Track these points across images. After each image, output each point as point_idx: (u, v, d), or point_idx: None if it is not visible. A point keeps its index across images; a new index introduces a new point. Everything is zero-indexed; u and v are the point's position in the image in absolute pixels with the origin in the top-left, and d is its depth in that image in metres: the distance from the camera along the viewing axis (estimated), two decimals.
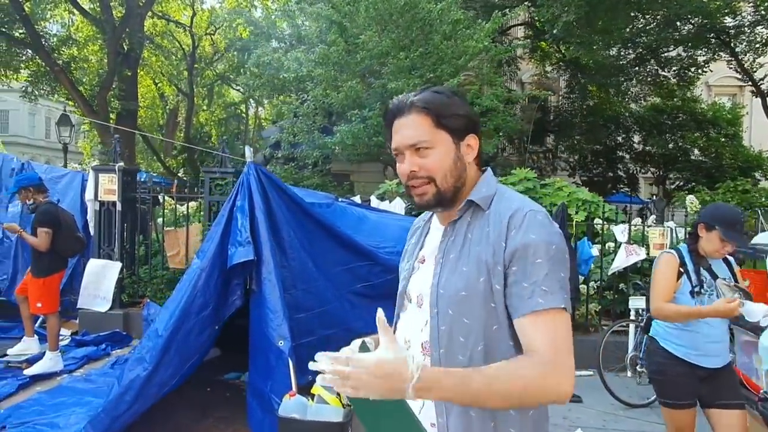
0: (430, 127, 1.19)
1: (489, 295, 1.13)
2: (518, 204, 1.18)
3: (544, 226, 1.14)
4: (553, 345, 1.07)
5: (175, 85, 30.80)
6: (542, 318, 1.09)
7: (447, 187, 1.20)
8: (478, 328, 1.14)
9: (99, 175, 5.91)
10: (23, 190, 4.59)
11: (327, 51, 7.28)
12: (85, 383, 4.45)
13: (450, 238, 1.22)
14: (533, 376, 1.05)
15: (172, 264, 5.94)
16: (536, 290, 1.09)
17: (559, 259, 1.13)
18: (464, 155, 1.22)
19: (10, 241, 6.01)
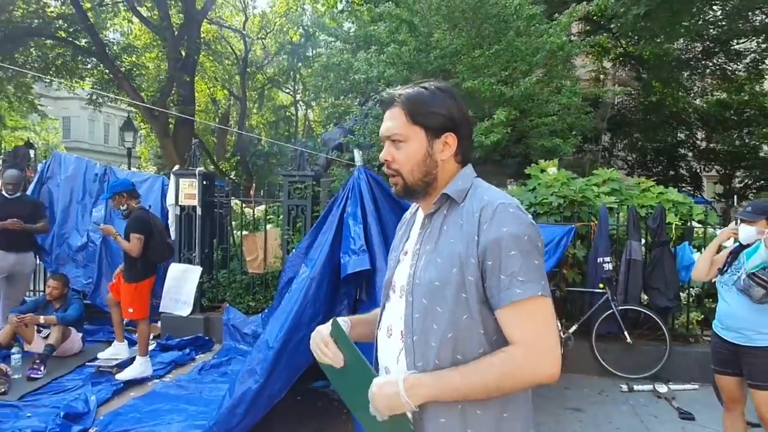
0: (404, 123, 1.26)
1: (461, 286, 1.17)
2: (489, 197, 1.20)
3: (516, 218, 1.16)
4: (533, 331, 1.13)
5: (227, 90, 31.46)
6: (521, 307, 1.13)
7: (413, 181, 1.27)
8: (448, 317, 1.18)
9: (180, 179, 5.94)
10: (117, 195, 4.62)
11: (399, 51, 7.12)
12: (178, 389, 4.44)
13: (427, 230, 1.27)
14: (509, 365, 1.12)
15: (250, 269, 5.91)
16: (513, 281, 1.13)
17: (532, 248, 1.16)
18: (437, 152, 1.26)
19: (95, 246, 6.12)
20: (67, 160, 6.35)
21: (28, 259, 5.44)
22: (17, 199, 5.32)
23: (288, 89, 35.93)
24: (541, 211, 5.46)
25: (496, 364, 1.13)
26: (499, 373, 1.12)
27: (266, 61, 33.09)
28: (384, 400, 1.17)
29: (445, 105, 1.27)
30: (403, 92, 1.29)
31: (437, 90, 1.28)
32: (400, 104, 1.27)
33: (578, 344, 5.06)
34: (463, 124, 1.30)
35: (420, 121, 1.26)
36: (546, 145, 7.20)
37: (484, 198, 1.21)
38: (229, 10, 30.68)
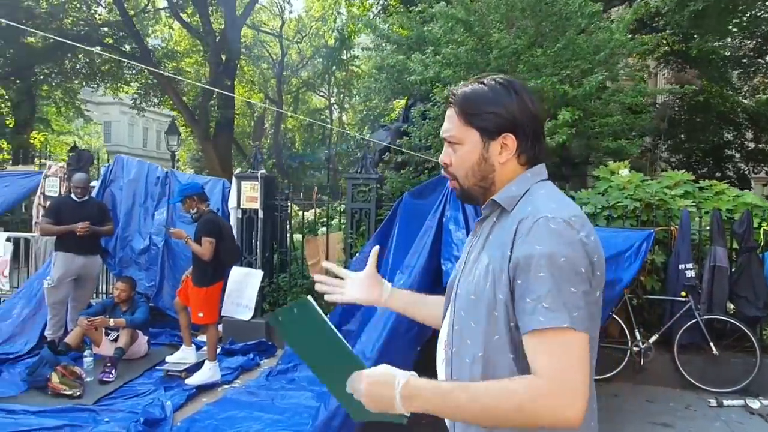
0: (458, 124, 1.18)
1: (492, 303, 1.08)
2: (534, 207, 1.09)
3: (555, 235, 1.03)
4: (553, 367, 0.99)
5: (264, 93, 31.82)
6: (543, 337, 1.01)
7: (469, 186, 1.19)
8: (480, 334, 1.10)
9: (242, 182, 5.91)
10: (187, 199, 4.60)
11: (456, 51, 6.97)
12: (249, 396, 4.37)
13: (476, 238, 1.21)
14: (526, 398, 0.98)
15: (312, 273, 5.83)
16: (538, 307, 1.01)
17: (569, 272, 1.01)
18: (493, 155, 1.16)
19: (157, 249, 6.14)
20: (129, 164, 6.40)
21: (96, 262, 5.48)
22: (85, 203, 5.36)
23: (322, 92, 36.18)
24: (616, 215, 5.23)
25: (512, 390, 1.00)
26: (515, 403, 0.99)
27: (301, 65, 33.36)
28: (375, 400, 1.08)
29: (502, 103, 1.15)
30: (459, 91, 1.20)
31: (497, 85, 1.17)
32: (454, 104, 1.20)
33: (658, 355, 4.82)
34: (526, 123, 1.16)
35: (474, 122, 1.17)
36: (611, 147, 6.94)
37: (528, 208, 1.10)
38: (266, 14, 31.07)
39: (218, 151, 19.12)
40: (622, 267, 4.40)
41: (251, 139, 34.88)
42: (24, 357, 5.09)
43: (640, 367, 4.78)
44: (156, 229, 6.18)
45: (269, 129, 36.03)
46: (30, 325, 5.39)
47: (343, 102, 36.10)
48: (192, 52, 23.72)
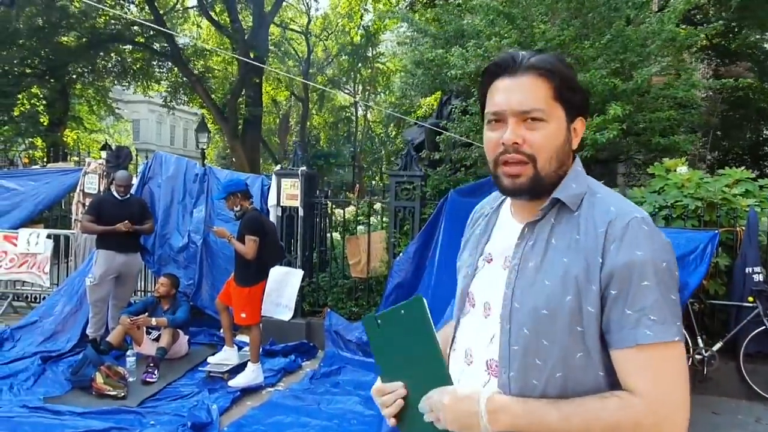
0: (547, 97, 1.01)
1: (577, 317, 0.96)
2: (618, 208, 0.99)
3: (652, 239, 0.95)
4: (660, 385, 0.92)
5: (290, 91, 31.91)
6: (649, 353, 0.92)
7: (548, 172, 1.02)
8: (558, 353, 0.97)
9: (282, 180, 5.79)
10: (231, 196, 4.48)
11: (499, 44, 6.75)
12: (294, 400, 4.24)
13: (529, 242, 1.04)
14: (623, 419, 0.91)
15: (354, 273, 5.69)
16: (643, 319, 0.92)
17: (670, 280, 0.95)
18: (572, 138, 1.05)
19: (195, 246, 6.06)
20: (167, 161, 6.33)
21: (136, 260, 5.42)
22: (127, 201, 5.31)
23: (348, 90, 36.16)
24: (675, 215, 4.95)
25: (608, 410, 0.92)
26: (611, 423, 0.91)
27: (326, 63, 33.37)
28: (457, 416, 0.97)
29: (578, 82, 1.06)
30: (541, 59, 1.03)
31: (567, 64, 1.05)
32: (541, 73, 1.01)
33: (722, 364, 4.55)
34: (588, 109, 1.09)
35: (566, 98, 1.02)
36: (661, 143, 6.63)
37: (611, 209, 0.99)
38: (292, 12, 31.09)
39: (246, 148, 19.17)
40: (687, 270, 4.14)
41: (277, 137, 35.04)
42: (66, 355, 5.05)
43: (703, 376, 4.51)
44: (195, 227, 6.10)
45: (294, 126, 36.15)
46: (72, 322, 5.35)
47: (368, 99, 36.01)
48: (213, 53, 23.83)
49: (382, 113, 35.45)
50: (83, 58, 18.03)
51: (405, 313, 1.04)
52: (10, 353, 5.00)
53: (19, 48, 15.19)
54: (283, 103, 33.81)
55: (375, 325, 1.06)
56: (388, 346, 1.06)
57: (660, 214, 5.00)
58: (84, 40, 17.20)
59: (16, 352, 5.00)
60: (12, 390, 4.23)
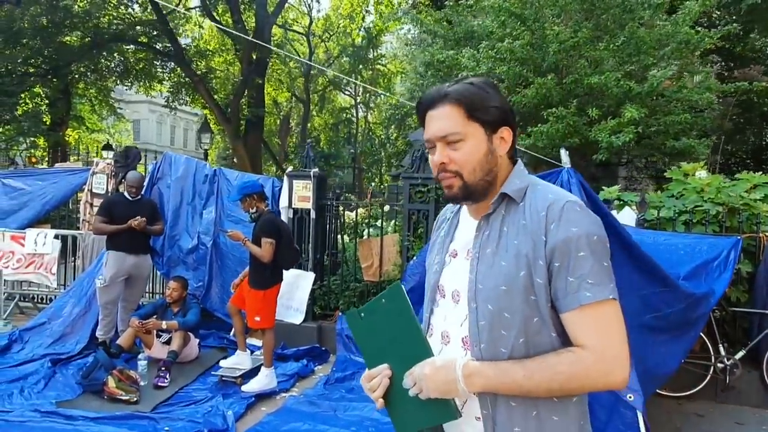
0: (462, 119, 1.19)
1: (530, 289, 1.13)
2: (555, 195, 1.16)
3: (584, 217, 1.13)
4: (603, 337, 1.09)
5: (291, 92, 31.85)
6: (590, 311, 1.09)
7: (474, 181, 1.20)
8: (518, 321, 1.13)
9: (293, 181, 5.71)
10: (248, 197, 4.40)
11: (512, 45, 6.68)
12: (310, 406, 4.16)
13: (485, 233, 1.21)
14: (577, 369, 1.08)
15: (366, 276, 5.61)
16: (582, 284, 1.09)
17: (602, 249, 1.13)
18: (496, 148, 1.21)
19: (205, 248, 5.97)
20: (177, 161, 6.25)
21: (147, 262, 5.34)
22: (138, 201, 5.23)
23: (348, 91, 36.11)
24: (696, 220, 4.88)
25: (564, 364, 1.10)
26: (567, 375, 1.09)
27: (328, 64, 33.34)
28: (437, 384, 1.12)
29: (497, 98, 1.21)
30: (454, 89, 1.20)
31: (484, 84, 1.22)
32: (453, 101, 1.19)
33: (745, 373, 4.48)
34: (513, 118, 1.24)
35: (478, 116, 1.19)
36: (676, 147, 6.57)
37: (549, 196, 1.16)
38: (293, 13, 31.04)
39: (248, 149, 19.09)
40: (712, 277, 4.07)
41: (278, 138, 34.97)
42: (75, 357, 4.97)
43: (725, 385, 4.44)
44: (204, 228, 6.02)
45: (295, 128, 36.09)
46: (81, 324, 5.27)
47: (369, 101, 35.97)
48: (222, 51, 23.79)
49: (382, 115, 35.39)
50: (86, 58, 17.93)
51: (386, 301, 1.16)
52: (19, 355, 4.92)
53: (22, 47, 15.11)
54: (283, 104, 33.73)
55: (358, 318, 1.18)
56: (371, 336, 1.18)
57: (680, 219, 4.93)
58: (87, 39, 17.10)
59: (25, 354, 4.92)
60: (23, 393, 4.15)
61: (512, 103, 6.83)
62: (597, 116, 6.31)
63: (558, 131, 6.23)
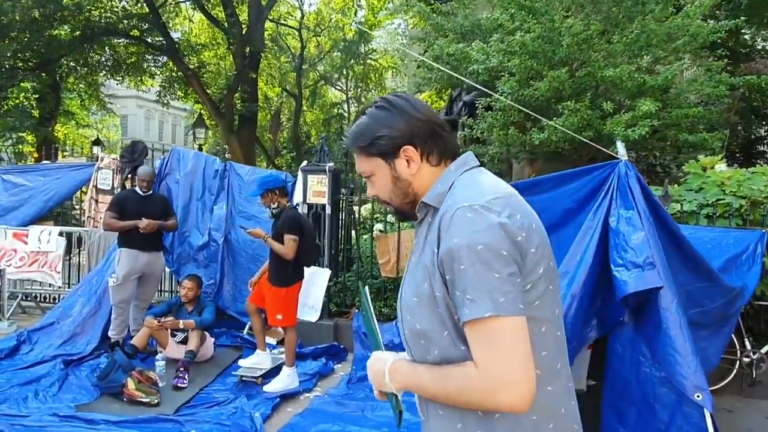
0: (362, 158, 1.24)
1: (433, 301, 1.11)
2: (453, 200, 1.12)
3: (472, 224, 1.04)
4: (485, 355, 1.03)
5: (283, 87, 31.62)
6: (473, 328, 1.04)
7: (398, 205, 1.25)
8: (430, 333, 1.13)
9: (308, 176, 5.60)
10: (269, 192, 4.28)
11: (524, 38, 6.60)
12: (337, 406, 4.06)
13: (416, 242, 1.24)
14: (465, 384, 1.05)
15: (383, 272, 5.52)
16: (464, 299, 1.04)
17: (489, 259, 1.02)
18: (402, 171, 1.21)
19: (216, 245, 5.84)
20: (185, 156, 6.10)
21: (160, 259, 5.20)
22: (150, 197, 5.08)
23: (339, 86, 35.89)
24: (718, 214, 4.85)
25: (457, 377, 1.08)
26: (457, 387, 1.07)
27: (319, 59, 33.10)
28: (372, 375, 1.21)
29: (386, 124, 1.20)
30: (349, 134, 1.28)
31: (376, 110, 1.23)
32: (350, 146, 1.27)
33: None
34: (418, 130, 1.20)
35: (371, 152, 1.22)
36: (689, 140, 6.54)
37: (448, 202, 1.13)
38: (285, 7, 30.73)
39: (242, 144, 18.89)
40: (741, 271, 4.03)
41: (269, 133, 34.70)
42: (87, 358, 4.82)
43: (752, 380, 4.42)
44: (215, 225, 5.89)
45: (286, 123, 35.88)
46: (91, 324, 5.12)
47: (360, 96, 35.82)
48: (213, 46, 23.49)
49: None
50: (76, 52, 17.59)
51: (362, 300, 1.31)
52: (28, 357, 4.76)
53: (11, 41, 14.76)
54: (274, 99, 33.47)
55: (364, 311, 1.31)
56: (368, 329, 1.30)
57: (702, 213, 4.90)
58: (77, 33, 16.77)
59: (35, 356, 4.76)
60: (38, 397, 4.01)
61: (523, 96, 6.81)
62: (611, 110, 6.26)
63: (572, 125, 6.16)
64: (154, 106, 44.33)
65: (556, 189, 3.29)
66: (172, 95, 21.35)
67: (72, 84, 19.93)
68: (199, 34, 24.88)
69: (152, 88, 22.19)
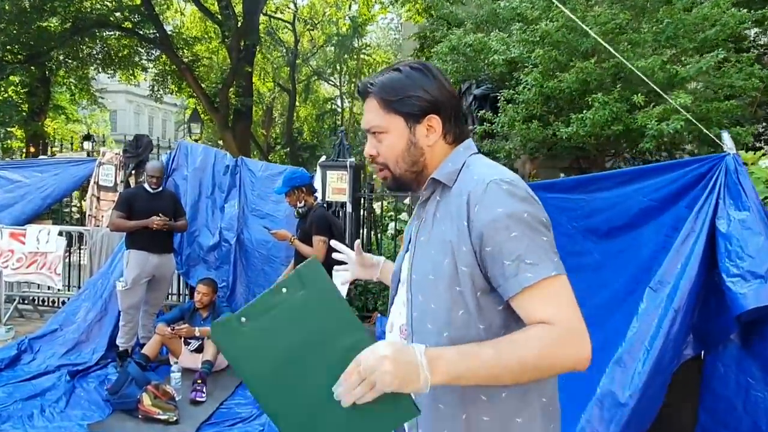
0: (381, 112, 1.17)
1: (454, 278, 1.07)
2: (480, 175, 1.09)
3: (511, 195, 1.05)
4: (559, 313, 1.00)
5: (276, 82, 31.25)
6: (537, 291, 1.01)
7: (400, 173, 1.18)
8: (444, 314, 1.07)
9: (327, 172, 5.26)
10: (296, 190, 3.95)
11: (548, 28, 6.29)
12: None
13: (422, 220, 1.19)
14: (548, 343, 0.98)
15: None
16: (521, 265, 1.01)
17: (537, 225, 1.04)
18: (420, 138, 1.17)
19: (228, 245, 5.49)
20: (194, 150, 5.74)
21: (171, 261, 4.83)
22: (159, 194, 4.72)
23: (333, 81, 35.57)
24: None
25: (534, 339, 0.98)
26: (538, 350, 0.97)
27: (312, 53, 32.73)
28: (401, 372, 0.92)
29: (421, 86, 1.15)
30: (375, 80, 1.19)
31: (412, 70, 1.17)
32: (372, 94, 1.18)
33: None
34: (447, 103, 1.17)
35: (397, 108, 1.16)
36: None
37: (473, 177, 1.10)
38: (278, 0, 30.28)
39: (237, 139, 18.51)
40: None
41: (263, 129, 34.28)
42: (93, 368, 4.47)
43: None
44: (227, 224, 5.54)
45: (278, 118, 35.52)
46: (97, 331, 4.76)
47: (354, 91, 35.54)
48: (204, 39, 23.04)
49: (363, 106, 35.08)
50: (67, 44, 17.06)
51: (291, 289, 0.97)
52: (30, 367, 4.39)
53: (0, 32, 14.25)
54: (266, 94, 33.06)
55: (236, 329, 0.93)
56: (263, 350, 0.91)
57: None
58: (68, 25, 16.25)
59: (37, 366, 4.39)
60: (44, 414, 3.65)
61: (547, 89, 6.51)
62: (642, 102, 5.98)
63: (602, 117, 5.87)
64: (143, 102, 43.68)
65: (622, 187, 3.00)
66: (165, 89, 20.86)
67: (62, 78, 19.39)
68: (191, 27, 24.44)
69: (143, 83, 21.70)
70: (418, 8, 18.48)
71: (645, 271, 2.59)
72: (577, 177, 4.51)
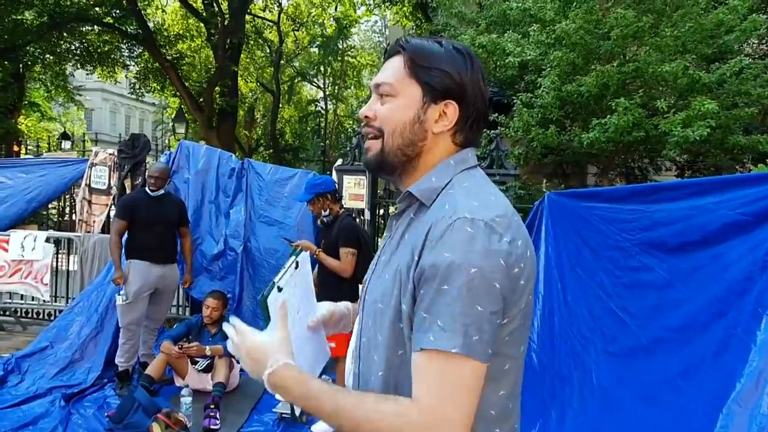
0: (401, 73, 1.02)
1: (398, 314, 0.95)
2: (454, 205, 0.93)
3: (470, 242, 0.88)
4: (428, 398, 0.87)
5: (260, 82, 30.82)
6: (426, 360, 0.88)
7: (391, 147, 1.02)
8: (384, 349, 0.96)
9: (344, 176, 4.93)
10: (321, 197, 3.60)
11: (568, 29, 6.07)
12: None
13: (390, 236, 1.06)
14: (391, 423, 0.87)
15: None
16: (433, 325, 0.88)
17: (478, 289, 0.86)
18: (430, 120, 1.01)
19: (234, 254, 5.10)
20: (196, 151, 5.34)
21: (174, 272, 4.42)
22: (162, 198, 4.31)
23: (317, 83, 35.21)
24: None
25: (379, 412, 0.88)
26: (375, 426, 0.87)
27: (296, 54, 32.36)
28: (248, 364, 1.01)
29: (456, 66, 1.00)
30: (410, 40, 1.03)
31: (453, 49, 1.02)
32: (400, 52, 1.03)
33: None
34: (473, 98, 1.00)
35: (420, 75, 1.00)
36: (741, 142, 6.13)
37: (446, 207, 0.94)
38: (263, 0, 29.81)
39: (221, 140, 18.02)
40: None
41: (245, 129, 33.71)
42: (89, 390, 4.06)
43: None
44: (232, 231, 5.16)
45: (261, 119, 35.01)
46: (92, 348, 4.34)
47: (338, 93, 35.26)
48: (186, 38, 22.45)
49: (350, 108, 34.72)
50: (43, 39, 16.36)
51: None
52: (18, 390, 3.94)
53: None
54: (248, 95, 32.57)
55: None
56: None
57: None
58: (45, 18, 15.56)
59: (26, 389, 3.94)
60: None
61: (565, 92, 6.27)
62: (665, 108, 5.79)
63: (626, 123, 5.66)
64: (120, 100, 42.64)
65: (694, 198, 2.76)
66: (147, 88, 20.22)
67: (37, 73, 18.63)
68: (173, 25, 23.82)
69: (120, 82, 21.01)
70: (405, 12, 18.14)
71: (738, 295, 2.34)
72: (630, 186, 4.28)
